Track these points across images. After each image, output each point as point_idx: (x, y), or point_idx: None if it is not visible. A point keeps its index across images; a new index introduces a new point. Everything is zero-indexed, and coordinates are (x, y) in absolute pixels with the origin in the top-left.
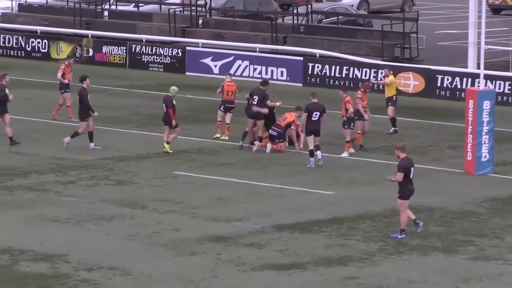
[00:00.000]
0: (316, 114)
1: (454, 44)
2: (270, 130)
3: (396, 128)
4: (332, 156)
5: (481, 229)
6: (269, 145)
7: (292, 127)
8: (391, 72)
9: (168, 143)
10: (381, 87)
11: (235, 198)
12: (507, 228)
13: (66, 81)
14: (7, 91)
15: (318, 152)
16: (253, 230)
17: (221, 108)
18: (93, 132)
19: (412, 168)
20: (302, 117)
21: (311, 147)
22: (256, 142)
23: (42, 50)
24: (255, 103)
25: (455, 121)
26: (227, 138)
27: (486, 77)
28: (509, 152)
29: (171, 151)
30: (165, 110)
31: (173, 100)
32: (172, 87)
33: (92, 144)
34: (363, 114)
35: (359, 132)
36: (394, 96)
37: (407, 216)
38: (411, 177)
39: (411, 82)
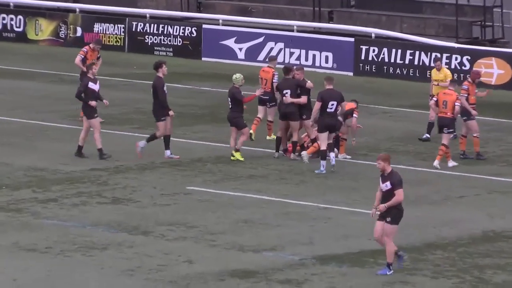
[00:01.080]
0: (332, 104)
1: None
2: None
3: (429, 135)
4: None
5: None
6: (304, 153)
7: (354, 115)
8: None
9: (237, 150)
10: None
11: (266, 220)
12: None
13: (85, 68)
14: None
15: (332, 155)
16: (289, 263)
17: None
18: (170, 136)
19: None
20: (314, 107)
21: (324, 147)
22: (304, 152)
23: (16, 29)
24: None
25: None
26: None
27: None
28: None
29: (243, 159)
30: (230, 107)
31: (241, 92)
32: (235, 76)
33: (168, 152)
34: (469, 111)
35: (464, 135)
36: None
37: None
38: None
39: (494, 71)
